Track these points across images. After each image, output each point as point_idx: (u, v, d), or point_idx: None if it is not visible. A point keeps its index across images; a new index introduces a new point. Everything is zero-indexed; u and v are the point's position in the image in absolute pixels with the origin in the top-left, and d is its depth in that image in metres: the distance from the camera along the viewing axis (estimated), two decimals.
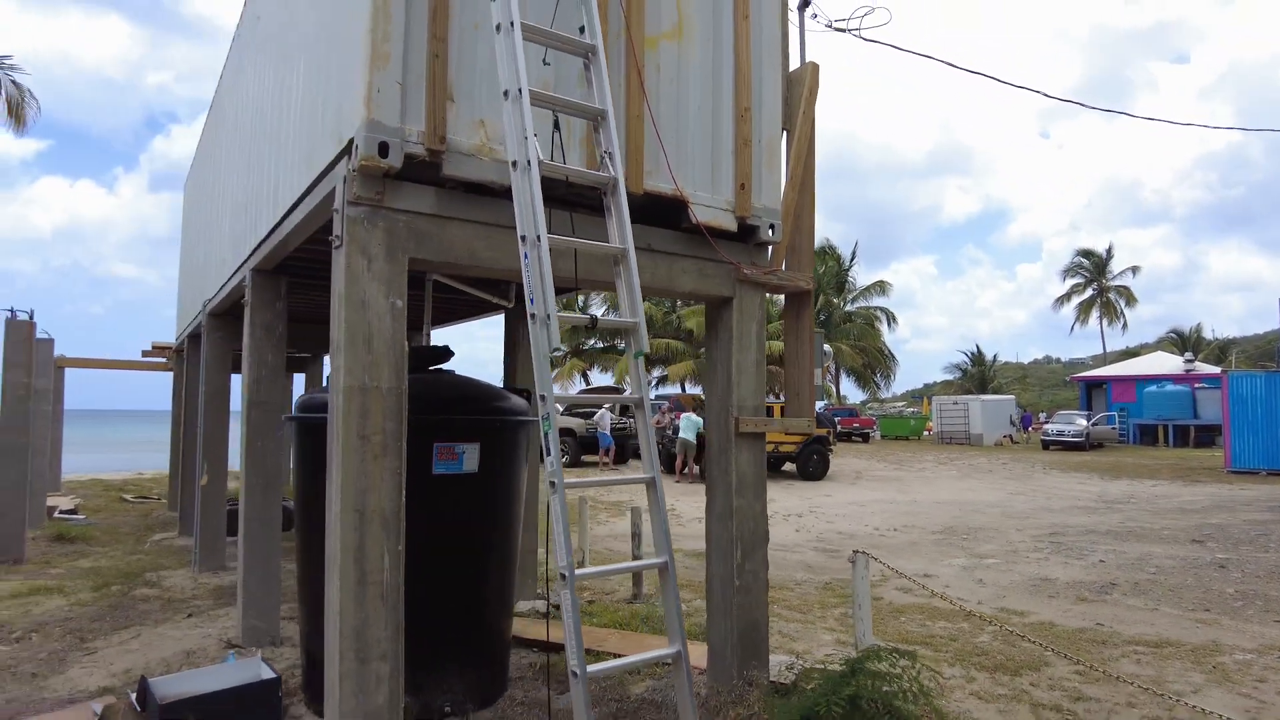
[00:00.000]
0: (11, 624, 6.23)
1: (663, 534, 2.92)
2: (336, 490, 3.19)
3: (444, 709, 4.23)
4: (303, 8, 4.51)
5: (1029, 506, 14.91)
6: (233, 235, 6.90)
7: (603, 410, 20.68)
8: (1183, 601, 7.40)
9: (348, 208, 3.20)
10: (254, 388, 5.55)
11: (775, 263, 4.53)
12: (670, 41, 4.07)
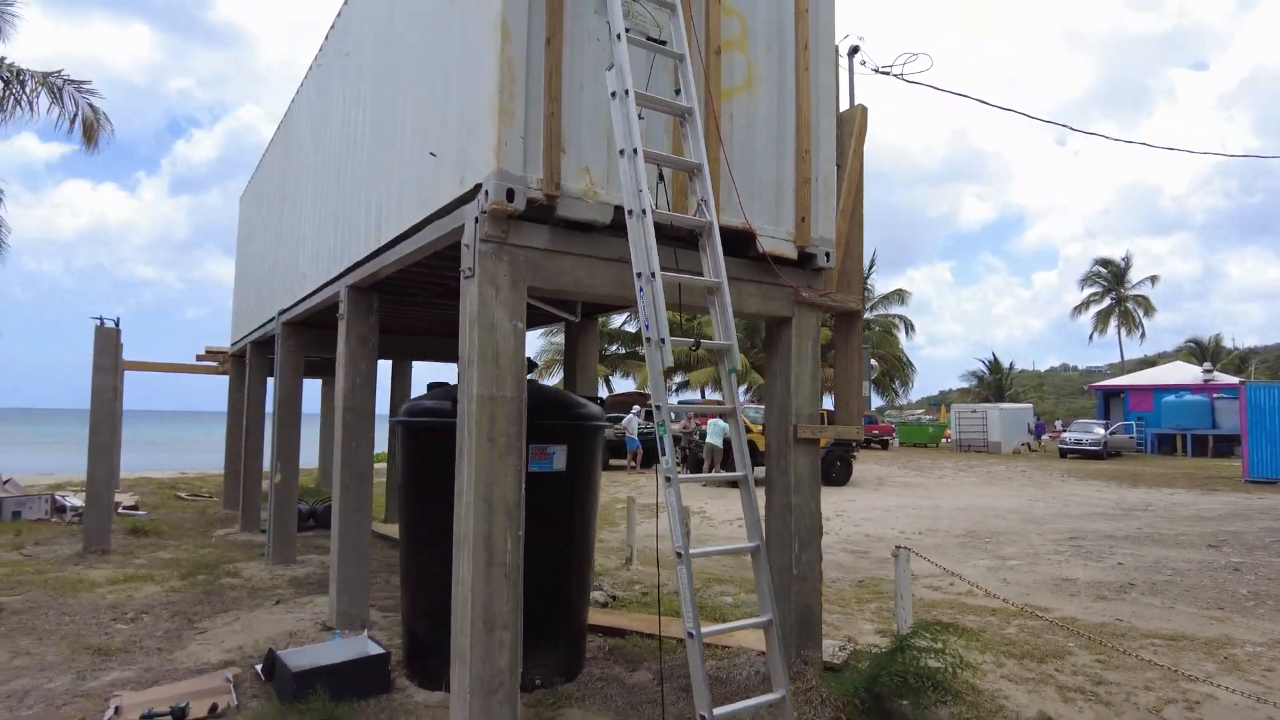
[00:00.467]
0: (123, 606, 6.84)
1: (754, 522, 3.45)
2: (468, 484, 3.75)
3: (535, 681, 4.77)
4: (410, 61, 5.07)
5: (1048, 512, 15.32)
6: (315, 252, 7.50)
7: (630, 415, 21.23)
8: (1198, 601, 7.86)
9: (479, 244, 3.76)
10: (349, 394, 6.14)
11: (829, 286, 5.07)
12: (741, 93, 4.62)
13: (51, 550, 9.38)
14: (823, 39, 5.03)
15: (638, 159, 3.41)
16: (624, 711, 4.64)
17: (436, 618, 4.91)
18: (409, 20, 5.17)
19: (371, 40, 6.01)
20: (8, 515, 11.63)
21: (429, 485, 5.04)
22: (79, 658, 5.50)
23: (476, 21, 3.96)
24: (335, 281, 6.52)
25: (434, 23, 4.67)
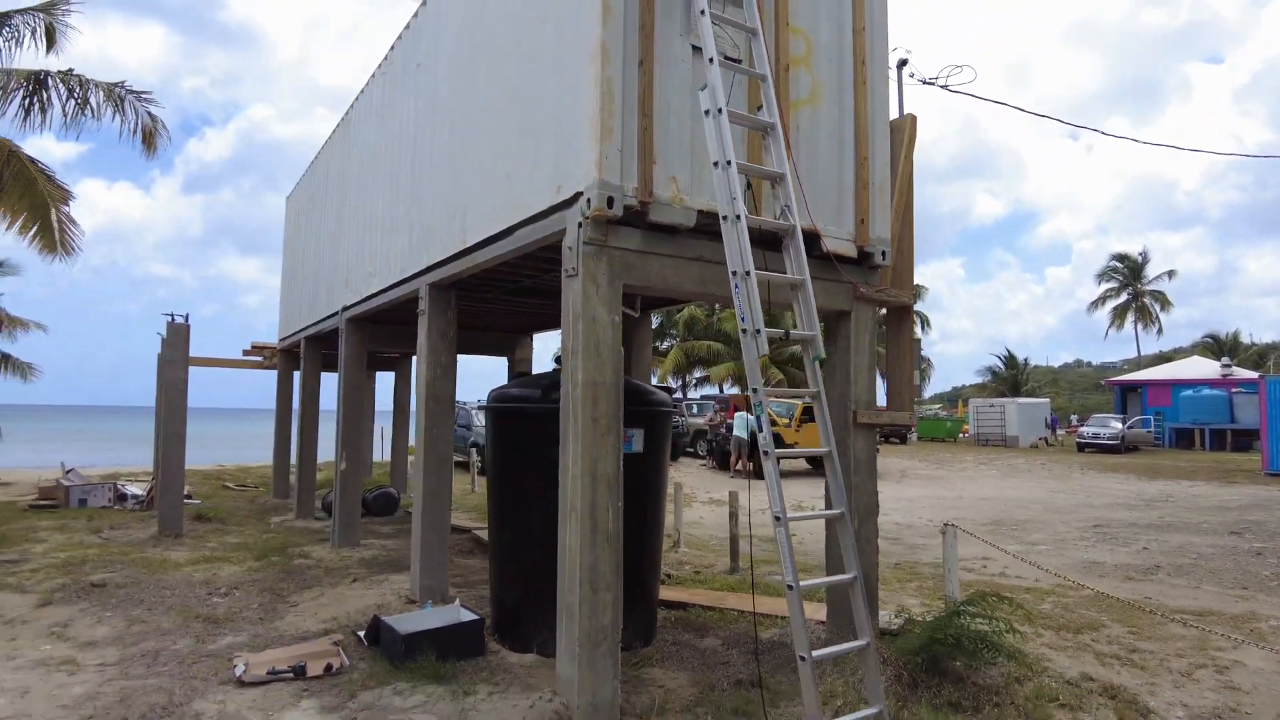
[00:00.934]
0: (213, 583, 7.35)
1: (839, 493, 3.87)
2: (574, 460, 4.19)
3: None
4: (494, 79, 5.50)
5: (1070, 503, 15.68)
6: (384, 252, 7.96)
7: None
8: (1222, 581, 8.24)
9: (582, 246, 4.20)
10: (431, 384, 6.60)
11: (883, 282, 5.49)
12: (807, 106, 5.04)
13: (127, 534, 9.91)
14: (877, 54, 5.44)
15: (731, 170, 3.84)
16: (698, 671, 5.08)
17: (523, 587, 5.40)
18: (492, 41, 5.60)
19: (448, 56, 6.45)
20: (75, 502, 12.18)
21: (517, 464, 5.51)
22: (191, 625, 5.99)
23: (575, 46, 4.40)
24: (411, 280, 6.98)
25: (523, 45, 5.11)
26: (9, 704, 4.50)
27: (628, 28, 4.26)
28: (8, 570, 7.73)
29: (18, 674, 4.98)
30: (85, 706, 4.45)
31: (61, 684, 4.81)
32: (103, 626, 6.01)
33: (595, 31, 4.18)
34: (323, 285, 10.69)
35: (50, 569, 7.84)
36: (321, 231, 11.12)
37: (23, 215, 10.08)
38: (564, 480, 4.30)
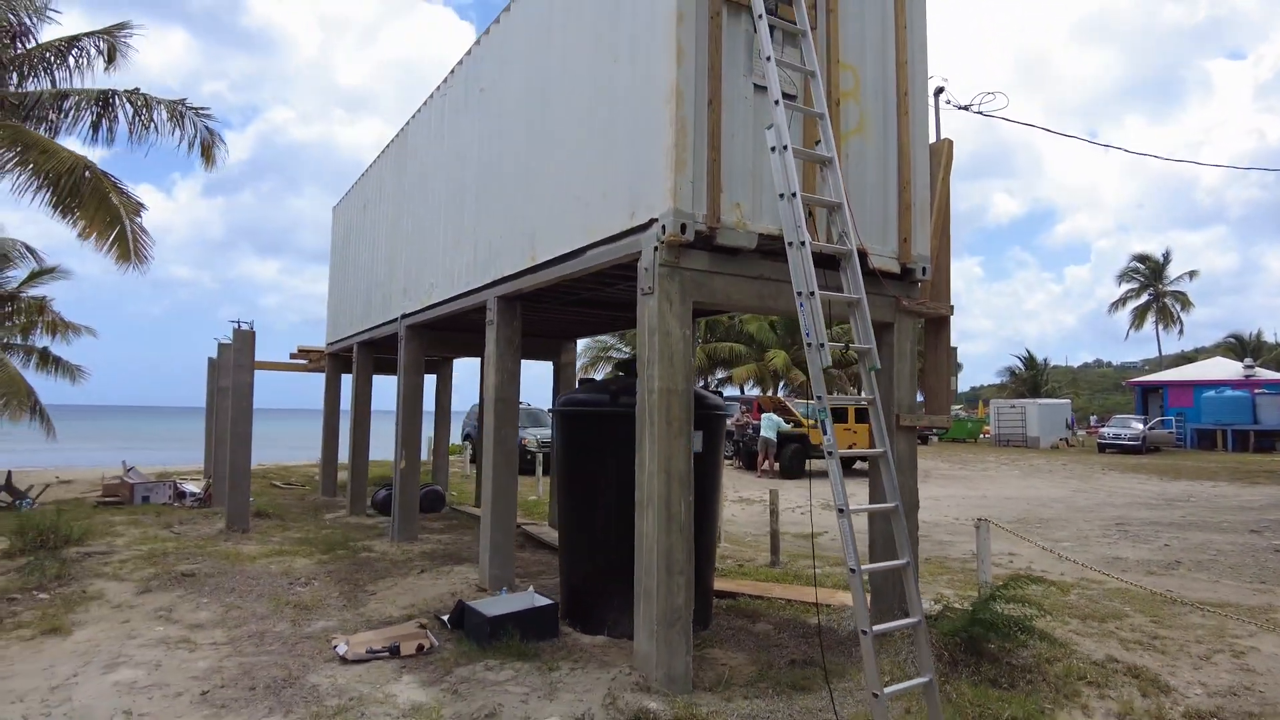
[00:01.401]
0: (291, 574, 7.91)
1: (893, 488, 4.34)
2: (650, 458, 4.69)
3: None
4: (565, 113, 6.01)
5: (1092, 502, 16.02)
6: (446, 266, 8.49)
7: None
8: (1241, 576, 8.62)
9: (658, 267, 4.70)
10: (499, 388, 7.12)
11: (923, 296, 5.95)
12: (855, 136, 5.52)
13: (196, 529, 10.52)
14: (918, 86, 5.90)
15: (796, 201, 4.32)
16: (754, 651, 5.57)
17: (594, 575, 5.91)
18: (561, 75, 6.12)
19: (515, 85, 6.96)
20: (138, 499, 12.83)
21: (586, 464, 6.02)
22: (284, 611, 6.55)
23: (649, 87, 4.89)
24: (477, 292, 7.49)
25: (595, 81, 5.61)
26: (147, 675, 5.05)
27: (699, 71, 4.76)
28: (101, 561, 8.33)
29: (144, 650, 5.54)
30: (214, 678, 4.99)
31: (185, 659, 5.36)
32: (203, 611, 6.58)
33: (670, 75, 4.67)
34: (378, 293, 11.24)
35: (137, 560, 8.44)
36: (375, 242, 11.68)
37: (99, 227, 10.69)
38: (640, 476, 4.80)
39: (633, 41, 5.15)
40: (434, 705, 4.46)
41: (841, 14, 5.47)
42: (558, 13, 6.25)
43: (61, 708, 4.55)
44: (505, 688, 4.74)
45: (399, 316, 9.90)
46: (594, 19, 5.67)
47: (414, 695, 4.66)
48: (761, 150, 4.98)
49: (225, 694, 4.73)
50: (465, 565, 8.29)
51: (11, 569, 7.99)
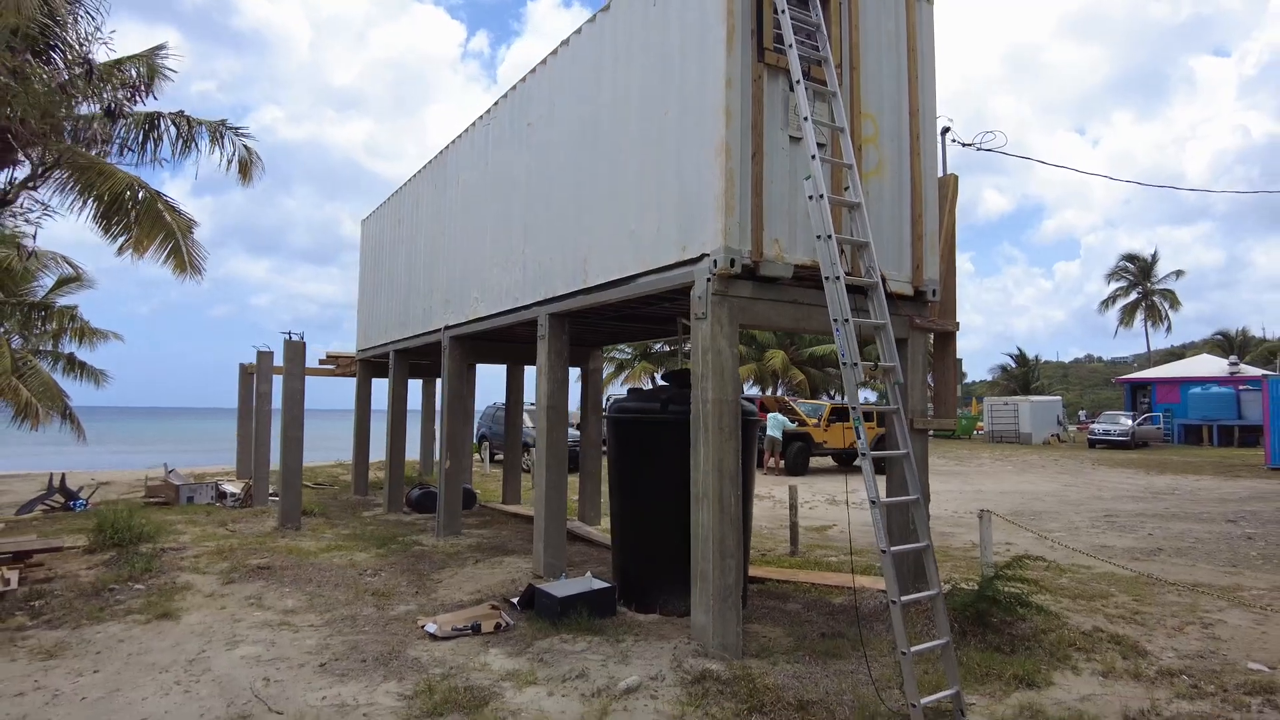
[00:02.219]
0: (358, 566, 8.69)
1: (915, 482, 5.15)
2: (705, 458, 5.50)
3: None
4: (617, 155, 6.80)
5: (1082, 496, 16.92)
6: (494, 284, 9.24)
7: None
8: (1215, 561, 9.50)
9: (710, 296, 5.51)
10: (550, 395, 7.91)
11: (932, 314, 6.77)
12: (874, 176, 6.33)
13: (249, 527, 11.28)
14: (928, 130, 6.73)
15: (831, 242, 5.13)
16: (789, 626, 6.38)
17: (646, 561, 6.72)
18: (612, 121, 6.91)
19: (565, 125, 7.74)
20: (183, 500, 13.57)
21: (638, 463, 6.83)
22: (364, 598, 7.34)
23: (700, 140, 5.69)
24: (529, 308, 8.27)
25: (647, 128, 6.40)
26: (265, 650, 5.84)
27: (743, 129, 5.56)
28: (177, 556, 9.10)
29: (253, 631, 6.33)
30: (324, 653, 5.78)
31: (293, 638, 6.14)
32: (289, 599, 7.36)
33: (721, 132, 5.48)
34: (417, 305, 12.01)
35: (209, 555, 9.20)
36: (411, 257, 12.45)
37: (156, 242, 11.43)
38: (695, 475, 5.61)
39: (682, 98, 5.95)
40: (527, 670, 5.26)
41: (863, 72, 6.28)
42: (606, 64, 7.04)
43: (205, 676, 5.33)
44: (584, 656, 5.55)
45: (442, 328, 10.67)
46: (643, 75, 6.47)
47: (505, 664, 5.45)
48: (795, 192, 5.80)
49: (341, 665, 5.52)
50: (513, 556, 9.09)
51: (99, 563, 8.74)
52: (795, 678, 5.17)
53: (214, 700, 4.91)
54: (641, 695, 4.84)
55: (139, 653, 5.85)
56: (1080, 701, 4.92)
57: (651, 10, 6.44)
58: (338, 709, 4.72)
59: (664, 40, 6.26)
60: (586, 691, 4.90)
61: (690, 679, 5.04)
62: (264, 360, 13.59)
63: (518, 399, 14.34)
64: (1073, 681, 5.27)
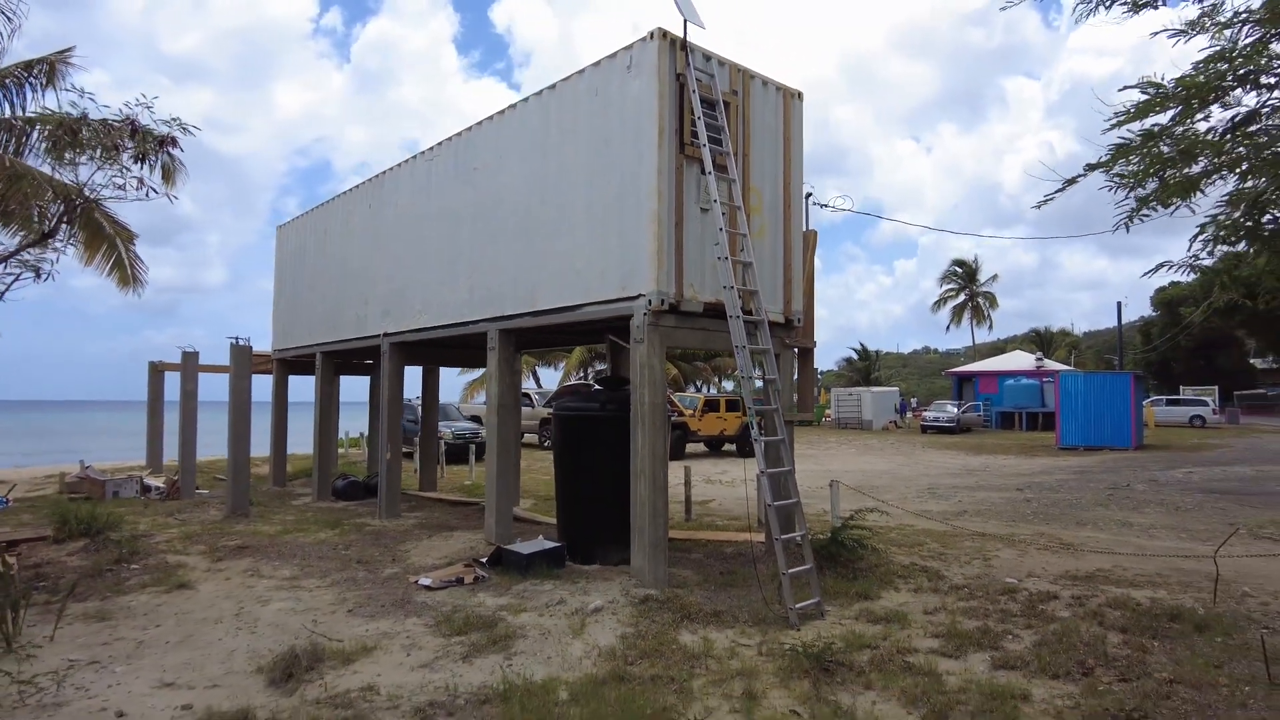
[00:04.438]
0: (327, 543, 10.11)
1: (790, 458, 7.35)
2: (642, 445, 7.51)
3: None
4: (562, 208, 8.67)
5: (913, 473, 20.23)
6: (437, 300, 10.84)
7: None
8: (1001, 517, 12.50)
9: (646, 326, 7.52)
10: (499, 396, 9.66)
11: (797, 336, 9.08)
12: (758, 236, 8.53)
13: (197, 517, 12.29)
14: (796, 197, 9.01)
15: (733, 291, 7.25)
16: (694, 569, 8.51)
17: (586, 525, 8.68)
18: (559, 183, 8.74)
19: (514, 177, 9.46)
20: (109, 495, 14.19)
21: (577, 452, 8.76)
22: (351, 566, 8.86)
23: (636, 211, 7.67)
24: (477, 323, 9.96)
25: (592, 187, 8.30)
26: (295, 604, 7.35)
27: (669, 203, 7.59)
28: (151, 542, 10.17)
29: (272, 592, 7.78)
30: (346, 603, 7.37)
31: (311, 596, 7.66)
32: (284, 570, 8.77)
33: (653, 206, 7.49)
34: (349, 312, 13.29)
35: (179, 540, 10.32)
36: (342, 267, 13.69)
37: (99, 254, 12.10)
38: (634, 457, 7.61)
39: (622, 176, 7.90)
40: (516, 604, 7.11)
41: (752, 157, 8.47)
42: (553, 134, 8.88)
43: (259, 623, 6.82)
44: (554, 592, 7.45)
45: (381, 334, 12.11)
46: (589, 150, 8.37)
47: (496, 601, 7.27)
48: (704, 250, 7.90)
49: (366, 610, 7.14)
50: (459, 531, 10.78)
51: (76, 551, 9.71)
52: (707, 598, 7.29)
53: (279, 636, 6.45)
54: (606, 613, 6.82)
55: (184, 612, 7.21)
56: (898, 606, 7.29)
57: (594, 99, 8.34)
58: (384, 635, 6.40)
59: (605, 124, 8.18)
60: (566, 613, 6.83)
61: (637, 601, 7.07)
62: (189, 360, 14.42)
63: (434, 396, 15.82)
64: (894, 595, 7.67)
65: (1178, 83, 3.51)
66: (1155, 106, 3.61)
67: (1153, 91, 3.61)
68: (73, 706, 5.07)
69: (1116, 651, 5.81)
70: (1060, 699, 4.97)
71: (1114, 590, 7.62)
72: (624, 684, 5.20)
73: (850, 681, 5.28)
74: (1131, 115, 3.76)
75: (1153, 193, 3.92)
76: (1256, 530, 11.12)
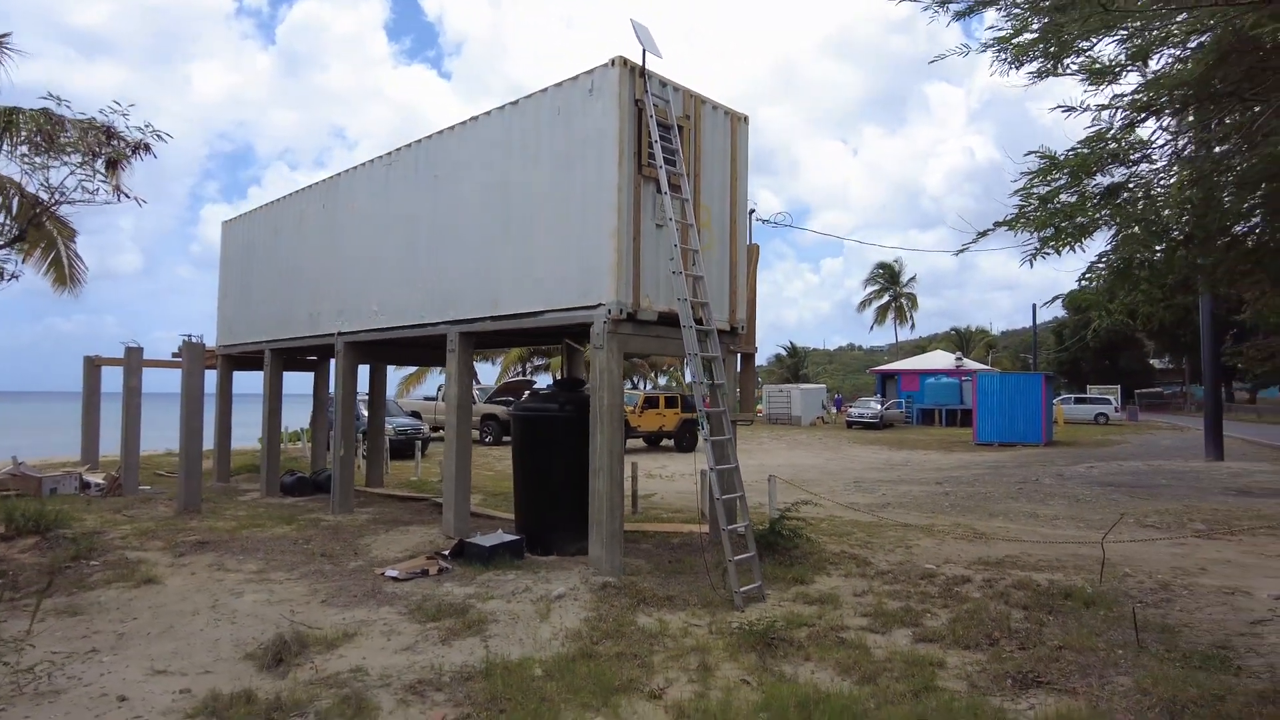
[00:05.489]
0: (287, 538, 10.38)
1: (734, 455, 8.03)
2: (601, 443, 8.10)
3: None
4: (527, 220, 9.17)
5: (839, 467, 21.35)
6: (393, 301, 11.19)
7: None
8: (921, 509, 13.53)
9: (605, 332, 8.10)
10: (458, 396, 10.10)
11: (741, 343, 9.80)
12: (708, 249, 9.19)
13: (147, 513, 12.33)
14: (741, 214, 9.72)
15: (686, 303, 7.89)
16: (645, 558, 9.15)
17: (545, 519, 9.23)
18: (523, 195, 9.23)
19: (477, 187, 9.87)
20: (46, 492, 13.99)
21: (538, 450, 9.30)
22: (316, 559, 9.20)
23: (598, 225, 8.23)
24: (437, 325, 10.37)
25: (552, 210, 8.82)
26: (269, 595, 7.70)
27: (628, 219, 8.18)
28: (105, 539, 10.26)
29: (245, 585, 8.09)
30: (319, 594, 7.75)
31: (283, 588, 8.00)
32: (249, 564, 9.05)
33: (614, 222, 8.07)
34: (300, 310, 13.46)
35: (136, 537, 10.43)
36: (294, 265, 13.83)
37: (37, 251, 11.97)
38: (593, 455, 8.19)
39: (584, 192, 8.45)
40: (483, 592, 7.62)
41: (703, 177, 9.13)
42: (515, 149, 9.36)
43: (236, 614, 7.15)
44: (518, 581, 7.98)
45: (335, 333, 12.36)
46: (551, 166, 8.89)
47: (463, 590, 7.76)
48: (659, 263, 8.52)
49: (339, 600, 7.54)
50: (414, 526, 11.17)
51: (29, 548, 9.75)
52: (660, 584, 7.94)
53: (260, 625, 6.81)
54: (568, 599, 7.40)
55: (158, 605, 7.48)
56: (830, 589, 8.06)
57: (557, 117, 8.86)
58: (362, 623, 6.83)
59: (567, 143, 8.71)
60: (531, 599, 7.38)
61: (596, 588, 7.66)
62: (134, 355, 14.36)
63: (382, 393, 16.06)
64: (826, 580, 8.46)
65: (1069, 155, 4.32)
66: (1049, 173, 4.40)
67: (1046, 162, 4.42)
68: (72, 694, 5.38)
69: (1018, 625, 6.67)
70: (970, 665, 5.78)
71: (1019, 574, 8.56)
72: (592, 660, 5.79)
73: (791, 655, 5.99)
74: (1033, 176, 4.53)
75: (1051, 236, 4.70)
76: (1142, 519, 12.39)
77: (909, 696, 5.13)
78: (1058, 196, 4.43)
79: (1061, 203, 4.39)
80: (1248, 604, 7.29)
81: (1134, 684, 5.27)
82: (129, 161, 7.92)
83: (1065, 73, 4.76)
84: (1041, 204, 4.38)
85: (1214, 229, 4.42)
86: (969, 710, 4.89)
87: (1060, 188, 4.44)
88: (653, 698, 5.17)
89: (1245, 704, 4.84)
